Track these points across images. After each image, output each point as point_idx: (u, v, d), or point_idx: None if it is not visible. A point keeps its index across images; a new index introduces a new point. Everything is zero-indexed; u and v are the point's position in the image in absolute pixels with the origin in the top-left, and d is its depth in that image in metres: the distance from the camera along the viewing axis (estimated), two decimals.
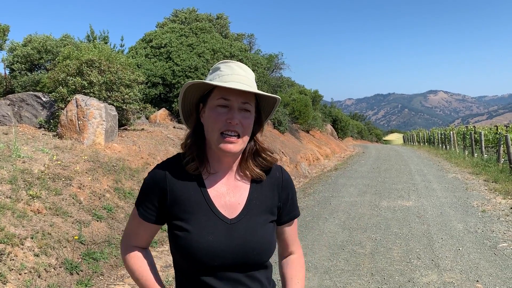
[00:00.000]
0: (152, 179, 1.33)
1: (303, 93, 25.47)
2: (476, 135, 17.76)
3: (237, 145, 1.26)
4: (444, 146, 24.00)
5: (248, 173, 1.36)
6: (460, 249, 5.22)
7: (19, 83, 10.96)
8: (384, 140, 59.30)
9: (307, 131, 23.45)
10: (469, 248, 5.25)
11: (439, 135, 26.52)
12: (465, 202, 8.03)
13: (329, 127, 31.26)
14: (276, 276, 1.48)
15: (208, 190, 1.32)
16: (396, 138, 59.69)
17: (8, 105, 8.56)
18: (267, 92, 16.70)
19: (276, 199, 1.38)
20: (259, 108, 1.36)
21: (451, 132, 23.08)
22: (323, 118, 29.23)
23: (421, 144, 35.13)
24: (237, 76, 1.27)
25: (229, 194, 1.33)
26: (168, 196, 1.30)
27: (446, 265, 4.67)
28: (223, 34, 18.85)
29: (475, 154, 16.88)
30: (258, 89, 1.33)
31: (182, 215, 1.28)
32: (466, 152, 18.47)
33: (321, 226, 6.45)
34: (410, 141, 43.96)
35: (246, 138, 1.29)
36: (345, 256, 5.06)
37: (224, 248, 1.25)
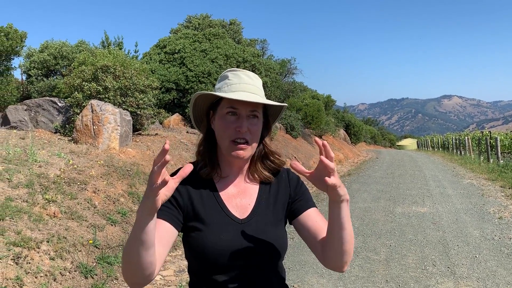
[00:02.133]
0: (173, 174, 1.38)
1: (315, 98, 25.43)
2: (491, 141, 17.51)
3: (247, 151, 1.30)
4: (458, 152, 23.71)
5: (257, 176, 1.40)
6: (477, 256, 5.14)
7: (36, 89, 11.15)
8: (397, 146, 58.83)
9: (320, 136, 23.37)
10: (486, 255, 5.16)
11: (453, 140, 26.21)
12: (481, 209, 7.91)
13: (342, 132, 31.13)
14: (289, 282, 1.47)
15: (220, 193, 1.36)
16: (409, 143, 59.19)
17: (25, 110, 8.69)
18: (279, 96, 16.72)
19: (286, 197, 1.40)
20: (267, 113, 1.41)
21: (466, 138, 22.79)
22: (336, 123, 29.14)
23: (435, 149, 34.76)
24: (244, 85, 1.32)
25: (240, 196, 1.37)
26: (182, 200, 1.33)
27: (462, 273, 4.60)
28: (236, 40, 18.94)
29: (491, 160, 16.64)
30: (270, 94, 1.36)
31: (195, 217, 1.32)
32: (482, 158, 18.23)
33: None
34: (424, 147, 43.54)
35: (255, 144, 1.33)
36: (359, 262, 5.01)
37: (236, 247, 1.28)
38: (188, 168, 1.08)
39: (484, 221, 6.94)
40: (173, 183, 1.08)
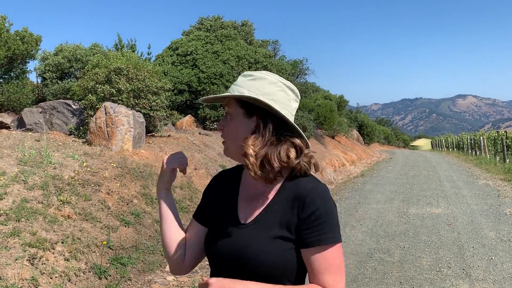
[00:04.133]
0: (210, 184, 1.48)
1: (328, 98, 25.31)
2: (508, 140, 17.24)
3: (225, 149, 1.34)
4: (474, 152, 23.40)
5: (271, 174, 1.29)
6: (493, 258, 5.06)
7: (51, 91, 11.30)
8: (411, 146, 58.30)
9: (333, 137, 23.26)
10: (502, 257, 5.08)
11: (468, 140, 25.88)
12: (497, 210, 7.79)
13: (355, 132, 30.93)
14: None
15: (239, 193, 1.38)
16: (424, 143, 58.63)
17: (40, 112, 8.81)
18: None
19: (295, 217, 1.25)
20: (260, 109, 1.28)
21: (481, 137, 22.49)
22: (348, 124, 28.96)
23: (450, 149, 34.36)
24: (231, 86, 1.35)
25: (254, 198, 1.34)
26: (212, 200, 1.42)
27: (478, 275, 4.53)
28: (248, 41, 18.95)
29: (507, 160, 16.38)
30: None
31: (214, 216, 1.38)
32: (498, 158, 17.95)
33: (348, 233, 6.37)
34: (438, 147, 43.06)
35: (231, 142, 1.31)
36: (372, 264, 4.97)
37: (226, 251, 1.27)
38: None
39: (500, 222, 6.84)
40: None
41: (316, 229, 1.22)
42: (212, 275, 1.32)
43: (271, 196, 1.32)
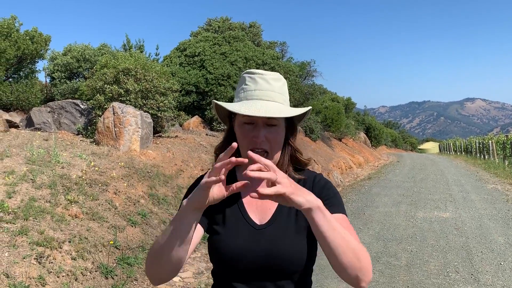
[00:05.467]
0: (196, 182, 1.36)
1: (335, 100, 25.25)
2: None
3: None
4: (482, 156, 23.22)
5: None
6: (502, 263, 5.01)
7: (59, 91, 11.38)
8: (419, 149, 58.05)
9: (340, 139, 23.18)
10: (511, 262, 5.03)
11: (477, 144, 25.70)
12: (506, 215, 7.72)
13: (362, 135, 30.82)
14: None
15: (242, 195, 1.34)
16: (431, 147, 58.33)
17: (49, 112, 8.87)
18: (298, 99, 16.67)
19: None
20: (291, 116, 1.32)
21: (490, 141, 22.30)
22: (356, 126, 28.87)
23: (458, 153, 34.14)
24: (260, 92, 1.25)
25: (261, 200, 1.30)
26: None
27: (486, 280, 4.48)
28: (256, 42, 18.96)
29: None
30: (290, 97, 1.30)
31: (217, 219, 1.32)
32: (507, 162, 17.81)
33: None
34: (446, 150, 42.81)
35: (275, 152, 1.27)
36: (379, 267, 4.94)
37: (249, 253, 1.24)
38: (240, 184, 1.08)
39: (509, 227, 6.77)
40: (224, 192, 1.09)
41: (330, 201, 1.27)
42: (229, 279, 1.27)
43: None
